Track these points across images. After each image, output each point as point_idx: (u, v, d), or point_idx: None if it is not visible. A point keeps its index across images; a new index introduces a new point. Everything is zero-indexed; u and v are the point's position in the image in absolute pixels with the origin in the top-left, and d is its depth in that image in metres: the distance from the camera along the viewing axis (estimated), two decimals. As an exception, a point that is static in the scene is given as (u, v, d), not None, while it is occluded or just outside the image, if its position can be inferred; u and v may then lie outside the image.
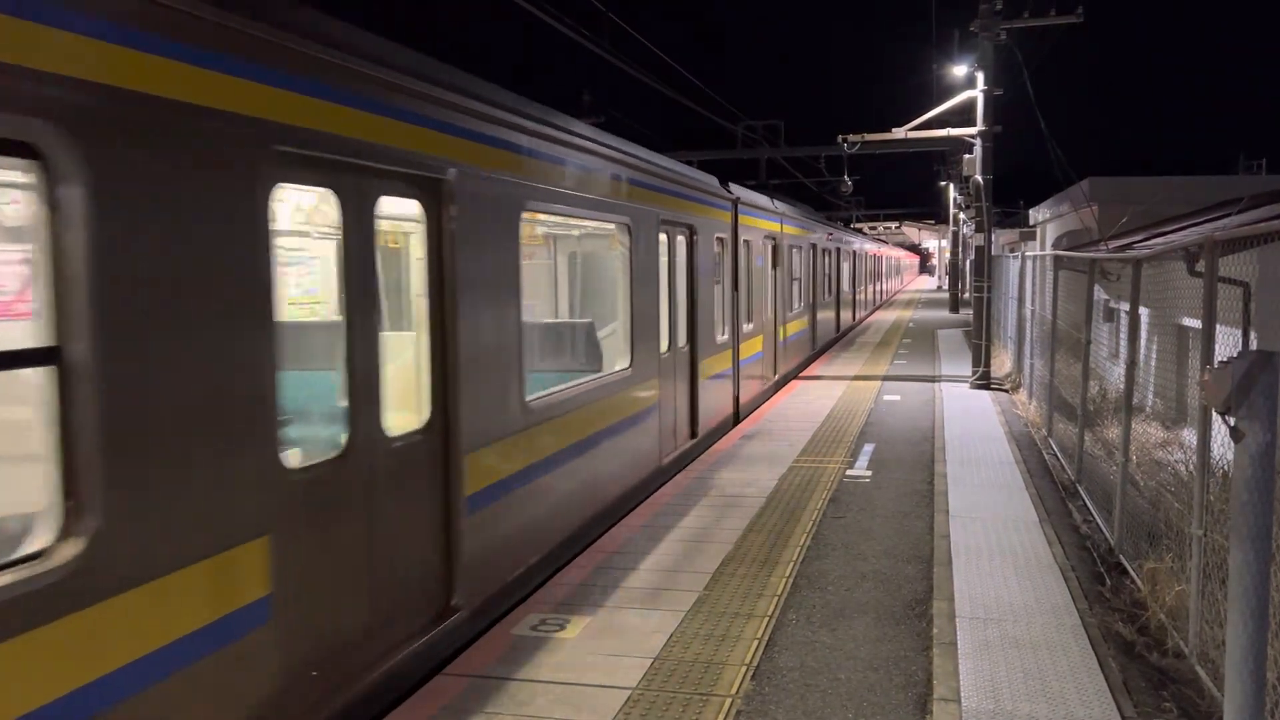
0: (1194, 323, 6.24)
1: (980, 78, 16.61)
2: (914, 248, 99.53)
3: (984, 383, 16.30)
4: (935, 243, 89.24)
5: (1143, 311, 7.16)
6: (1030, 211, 38.88)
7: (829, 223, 26.33)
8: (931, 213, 73.87)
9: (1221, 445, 4.64)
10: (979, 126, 16.58)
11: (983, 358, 16.40)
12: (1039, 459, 10.42)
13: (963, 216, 32.46)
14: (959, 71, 20.01)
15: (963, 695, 4.79)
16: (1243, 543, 3.20)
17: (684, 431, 10.66)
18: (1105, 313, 10.32)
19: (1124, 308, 7.57)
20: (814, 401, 14.70)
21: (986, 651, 5.32)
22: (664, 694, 4.85)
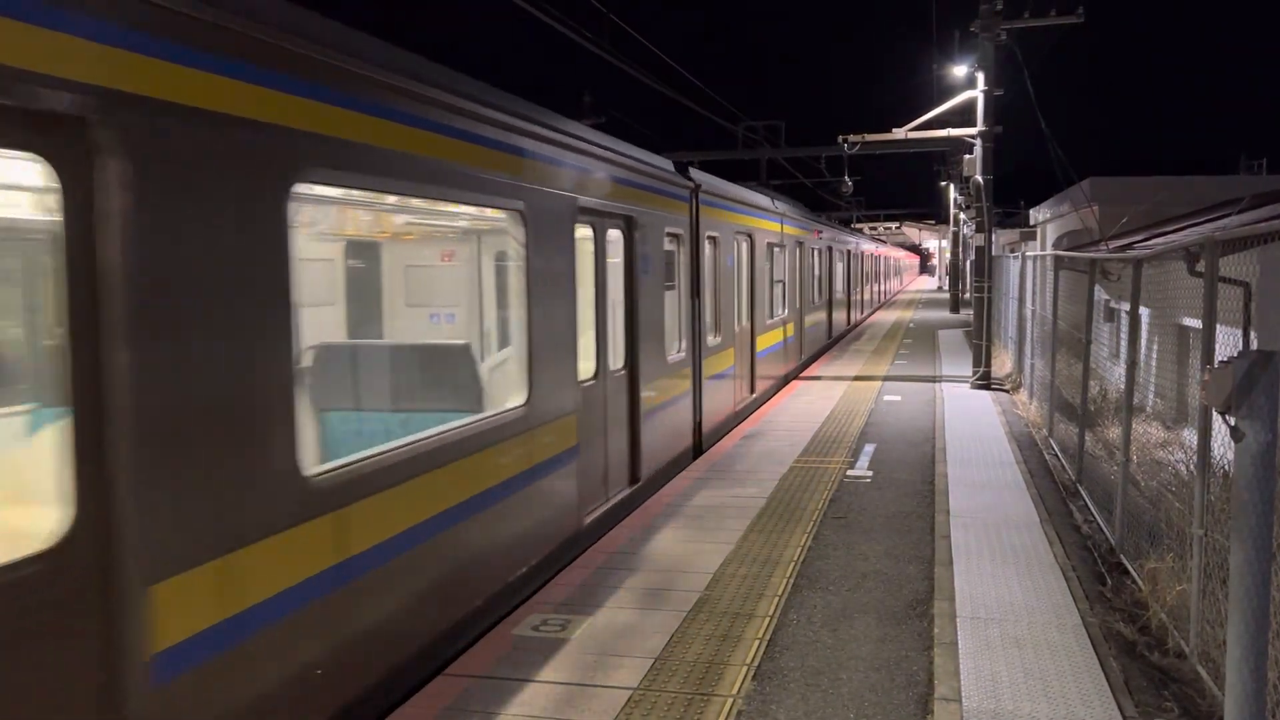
0: (1194, 323, 6.25)
1: (980, 78, 16.60)
2: (914, 248, 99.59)
3: (985, 383, 16.30)
4: (935, 243, 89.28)
5: (1143, 311, 7.16)
6: (1031, 212, 38.95)
7: (822, 219, 24.92)
8: (932, 213, 74.02)
9: (1222, 445, 4.65)
10: (979, 127, 16.58)
11: (983, 358, 16.40)
12: (1040, 459, 10.43)
13: (963, 217, 32.45)
14: (959, 72, 20.03)
15: (964, 695, 4.80)
16: (1244, 542, 3.21)
17: (620, 477, 8.74)
18: (1106, 313, 10.31)
19: (1124, 308, 7.58)
20: (815, 402, 14.71)
21: (988, 651, 5.33)
22: (665, 694, 4.86)
